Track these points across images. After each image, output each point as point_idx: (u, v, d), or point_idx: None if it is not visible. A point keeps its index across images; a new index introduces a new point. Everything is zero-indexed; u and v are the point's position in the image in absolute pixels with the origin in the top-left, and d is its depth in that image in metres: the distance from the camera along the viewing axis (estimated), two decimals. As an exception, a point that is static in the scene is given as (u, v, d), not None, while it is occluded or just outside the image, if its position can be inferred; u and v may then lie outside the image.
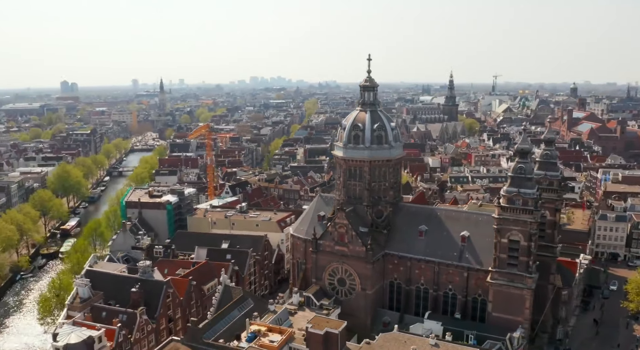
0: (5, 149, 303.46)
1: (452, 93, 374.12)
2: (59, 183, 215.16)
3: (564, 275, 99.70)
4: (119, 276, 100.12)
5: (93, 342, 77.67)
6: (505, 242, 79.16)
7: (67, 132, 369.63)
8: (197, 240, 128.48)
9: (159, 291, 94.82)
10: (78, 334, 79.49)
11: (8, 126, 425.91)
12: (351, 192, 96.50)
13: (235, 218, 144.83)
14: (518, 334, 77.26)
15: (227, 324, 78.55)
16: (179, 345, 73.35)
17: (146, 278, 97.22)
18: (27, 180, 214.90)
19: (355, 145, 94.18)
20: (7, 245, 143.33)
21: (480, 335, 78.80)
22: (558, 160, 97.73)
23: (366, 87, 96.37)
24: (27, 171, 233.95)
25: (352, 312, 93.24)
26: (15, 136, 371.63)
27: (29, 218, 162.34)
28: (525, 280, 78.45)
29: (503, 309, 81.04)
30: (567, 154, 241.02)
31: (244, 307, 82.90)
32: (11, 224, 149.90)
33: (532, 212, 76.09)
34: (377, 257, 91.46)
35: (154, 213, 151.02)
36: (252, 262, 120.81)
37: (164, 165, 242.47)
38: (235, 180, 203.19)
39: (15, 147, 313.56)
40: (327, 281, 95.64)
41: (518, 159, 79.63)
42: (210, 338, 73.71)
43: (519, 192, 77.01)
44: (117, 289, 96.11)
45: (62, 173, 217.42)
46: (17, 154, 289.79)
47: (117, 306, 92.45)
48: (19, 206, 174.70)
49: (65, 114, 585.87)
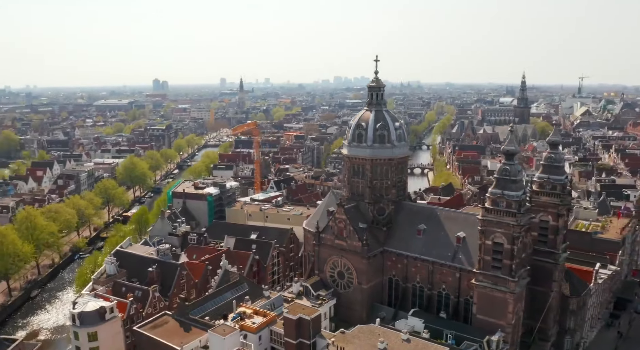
0: (88, 142, 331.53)
1: (524, 94, 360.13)
2: (126, 174, 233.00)
3: (573, 283, 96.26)
4: (141, 257, 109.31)
5: (105, 312, 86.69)
6: (489, 244, 78.55)
7: (146, 127, 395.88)
8: (229, 230, 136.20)
9: (173, 272, 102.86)
10: (93, 303, 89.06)
11: (95, 120, 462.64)
12: (354, 189, 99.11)
13: (269, 211, 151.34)
14: (497, 337, 76.52)
15: (217, 304, 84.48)
16: (169, 318, 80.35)
17: (164, 260, 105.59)
18: (98, 170, 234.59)
19: (358, 144, 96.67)
20: (66, 227, 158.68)
21: (460, 335, 78.90)
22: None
23: (372, 87, 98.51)
24: (100, 162, 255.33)
25: (349, 305, 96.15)
26: (100, 130, 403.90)
27: (91, 204, 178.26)
28: (508, 284, 77.33)
29: (487, 312, 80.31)
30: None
31: (237, 291, 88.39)
32: (72, 208, 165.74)
33: (515, 214, 75.05)
34: (373, 253, 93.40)
35: (196, 203, 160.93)
36: (276, 253, 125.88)
37: (223, 160, 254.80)
38: (284, 176, 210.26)
39: (97, 140, 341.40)
40: (328, 273, 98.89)
41: (504, 161, 78.56)
42: (197, 315, 79.91)
43: (502, 194, 76.18)
44: (139, 268, 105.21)
45: (129, 165, 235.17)
46: (97, 146, 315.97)
47: (137, 283, 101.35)
48: (84, 193, 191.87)
49: (150, 110, 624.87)
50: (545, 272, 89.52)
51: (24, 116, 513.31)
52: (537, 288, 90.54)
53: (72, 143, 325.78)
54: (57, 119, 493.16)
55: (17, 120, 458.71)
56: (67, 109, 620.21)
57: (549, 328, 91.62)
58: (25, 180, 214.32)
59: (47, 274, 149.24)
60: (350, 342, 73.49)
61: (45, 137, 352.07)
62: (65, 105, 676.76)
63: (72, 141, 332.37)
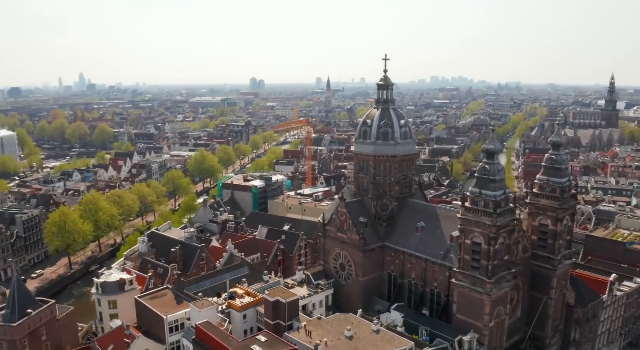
0: (172, 135, 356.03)
1: (612, 97, 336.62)
2: (196, 166, 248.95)
3: (580, 292, 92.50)
4: (169, 238, 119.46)
5: (124, 284, 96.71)
6: (468, 243, 78.14)
7: (228, 123, 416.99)
8: (264, 220, 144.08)
9: (194, 253, 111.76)
10: (115, 275, 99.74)
11: (185, 116, 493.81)
12: (360, 184, 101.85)
13: (307, 205, 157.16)
14: (468, 337, 76.20)
15: (214, 283, 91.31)
16: (168, 292, 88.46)
17: (188, 242, 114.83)
18: (171, 161, 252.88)
19: (363, 140, 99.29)
20: (127, 211, 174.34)
21: (435, 333, 79.48)
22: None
23: (380, 85, 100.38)
24: (176, 154, 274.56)
25: (349, 296, 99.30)
26: (187, 125, 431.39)
27: (154, 192, 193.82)
28: (485, 285, 76.57)
29: (466, 312, 79.83)
30: None
31: (236, 273, 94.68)
32: (136, 194, 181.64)
33: (491, 214, 74.34)
34: (371, 247, 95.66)
35: (243, 194, 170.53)
36: (303, 245, 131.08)
37: (287, 156, 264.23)
38: (339, 173, 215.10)
39: (182, 134, 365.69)
40: (332, 264, 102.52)
41: (484, 160, 77.82)
42: (193, 291, 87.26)
43: (480, 194, 75.66)
44: (167, 248, 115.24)
45: (200, 158, 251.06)
46: (180, 139, 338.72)
47: (162, 262, 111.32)
48: (149, 181, 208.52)
49: (241, 108, 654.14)
50: (543, 278, 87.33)
51: (125, 111, 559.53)
52: (536, 294, 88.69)
53: (158, 136, 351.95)
54: (153, 114, 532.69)
55: (116, 114, 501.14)
56: (165, 105, 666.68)
57: (546, 337, 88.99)
58: (105, 169, 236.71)
59: (107, 252, 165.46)
60: (321, 327, 76.96)
61: (135, 130, 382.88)
62: (164, 102, 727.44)
63: (158, 135, 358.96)
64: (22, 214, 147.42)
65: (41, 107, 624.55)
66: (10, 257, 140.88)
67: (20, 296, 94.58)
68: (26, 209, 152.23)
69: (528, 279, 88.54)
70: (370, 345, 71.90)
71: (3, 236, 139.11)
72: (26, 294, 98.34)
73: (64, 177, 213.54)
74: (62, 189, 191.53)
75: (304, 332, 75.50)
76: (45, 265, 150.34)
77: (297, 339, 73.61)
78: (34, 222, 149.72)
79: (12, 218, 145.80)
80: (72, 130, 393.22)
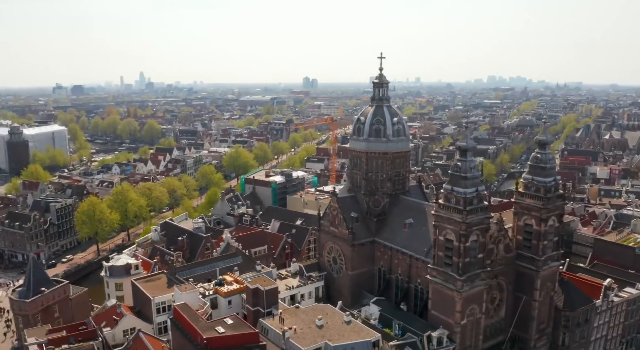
0: (216, 132, 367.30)
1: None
2: (231, 162, 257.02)
3: (570, 296, 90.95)
4: (180, 228, 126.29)
5: (130, 268, 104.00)
6: (442, 240, 78.94)
7: (270, 121, 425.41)
8: (280, 214, 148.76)
9: (199, 243, 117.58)
10: (123, 260, 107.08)
11: (232, 114, 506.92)
12: (354, 180, 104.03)
13: (323, 201, 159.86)
14: (437, 333, 77.02)
15: (206, 270, 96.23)
16: (162, 276, 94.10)
17: (195, 233, 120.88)
18: (207, 157, 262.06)
19: (357, 137, 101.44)
20: (156, 203, 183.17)
21: (407, 327, 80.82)
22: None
23: (376, 83, 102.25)
24: (214, 150, 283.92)
25: (340, 289, 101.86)
26: (232, 123, 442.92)
27: (185, 186, 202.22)
28: (456, 282, 77.32)
29: (439, 308, 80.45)
30: None
31: (230, 262, 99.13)
32: (165, 188, 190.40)
33: (461, 211, 74.99)
34: (360, 242, 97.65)
35: (263, 189, 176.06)
36: (312, 239, 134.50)
37: (320, 154, 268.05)
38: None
39: (226, 131, 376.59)
40: (326, 258, 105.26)
41: (457, 157, 78.35)
42: (184, 276, 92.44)
43: (452, 190, 76.49)
44: (177, 237, 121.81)
45: (235, 154, 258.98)
46: (221, 136, 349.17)
47: (171, 250, 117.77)
48: (180, 175, 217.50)
49: (289, 106, 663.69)
50: (527, 279, 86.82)
51: (178, 108, 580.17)
52: (520, 295, 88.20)
53: (201, 133, 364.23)
54: (203, 112, 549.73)
55: (168, 112, 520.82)
56: (216, 103, 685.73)
57: (531, 339, 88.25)
58: (145, 163, 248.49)
59: (135, 241, 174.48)
60: (296, 316, 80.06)
61: (182, 127, 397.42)
62: (216, 100, 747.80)
63: (202, 132, 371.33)
64: (56, 203, 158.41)
65: (99, 104, 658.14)
66: (43, 242, 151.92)
67: (36, 276, 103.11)
68: (60, 199, 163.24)
69: (513, 279, 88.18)
70: (337, 334, 74.38)
71: (37, 223, 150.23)
72: (41, 275, 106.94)
73: (104, 170, 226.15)
74: (98, 180, 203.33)
75: (278, 319, 78.97)
76: (77, 251, 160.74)
77: (270, 325, 77.16)
78: (67, 211, 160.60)
79: (47, 206, 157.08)
80: (123, 126, 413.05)
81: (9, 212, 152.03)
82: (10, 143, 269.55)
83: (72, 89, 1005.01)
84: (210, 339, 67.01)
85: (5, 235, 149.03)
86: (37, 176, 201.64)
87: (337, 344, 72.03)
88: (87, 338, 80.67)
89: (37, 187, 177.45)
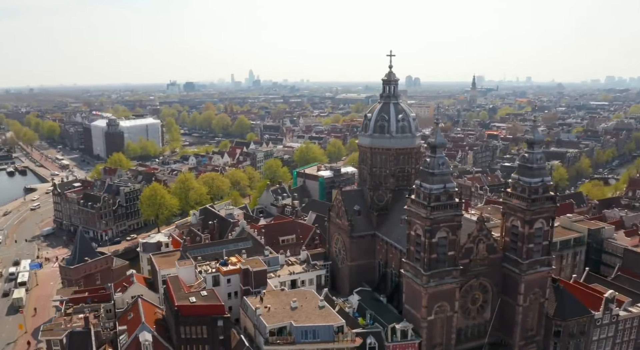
0: (298, 128, 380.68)
1: None
2: (301, 157, 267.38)
3: (563, 305, 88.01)
4: (215, 214, 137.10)
5: (161, 245, 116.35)
6: (413, 234, 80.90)
7: (354, 119, 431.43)
8: (318, 207, 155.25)
9: (227, 227, 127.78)
10: (157, 238, 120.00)
11: (321, 111, 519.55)
12: (361, 175, 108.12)
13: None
14: (400, 326, 79.22)
15: (215, 250, 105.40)
16: (178, 253, 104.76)
17: (226, 218, 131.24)
18: (279, 152, 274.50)
19: (364, 133, 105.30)
20: (218, 191, 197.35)
21: (377, 318, 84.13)
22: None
23: (385, 81, 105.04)
24: (289, 145, 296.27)
25: (342, 279, 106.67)
26: (319, 120, 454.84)
27: (247, 177, 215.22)
28: (422, 277, 79.00)
29: (411, 302, 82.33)
30: None
31: (239, 245, 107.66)
32: (228, 179, 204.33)
33: (426, 207, 76.49)
34: (359, 234, 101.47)
35: (313, 183, 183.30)
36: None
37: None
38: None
39: (308, 127, 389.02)
40: (334, 248, 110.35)
41: (428, 153, 79.53)
42: (194, 255, 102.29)
43: (420, 186, 78.31)
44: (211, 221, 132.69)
45: (304, 149, 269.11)
46: (303, 132, 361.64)
47: (206, 232, 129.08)
48: (245, 167, 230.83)
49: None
50: (512, 282, 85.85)
51: (274, 105, 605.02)
52: (505, 297, 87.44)
53: (284, 129, 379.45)
54: (297, 109, 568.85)
55: (262, 108, 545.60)
56: (312, 101, 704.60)
57: (515, 344, 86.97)
58: (221, 155, 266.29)
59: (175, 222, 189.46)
60: (277, 297, 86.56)
61: (270, 122, 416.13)
62: (313, 97, 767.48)
63: (285, 128, 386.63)
64: (126, 187, 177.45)
65: (204, 100, 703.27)
66: (112, 222, 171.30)
67: (82, 247, 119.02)
68: (130, 184, 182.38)
69: (499, 281, 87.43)
70: (305, 316, 79.96)
71: (107, 204, 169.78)
72: (88, 246, 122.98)
73: (181, 160, 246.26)
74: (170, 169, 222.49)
75: (259, 298, 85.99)
76: (141, 232, 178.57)
77: (249, 302, 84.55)
78: (134, 195, 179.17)
79: (118, 190, 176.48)
80: (217, 121, 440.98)
81: (85, 194, 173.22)
82: (107, 133, 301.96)
83: (185, 85, 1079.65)
84: (181, 306, 75.94)
85: (80, 213, 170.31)
86: (119, 163, 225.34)
87: (300, 325, 77.68)
88: (103, 300, 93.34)
89: (114, 172, 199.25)
